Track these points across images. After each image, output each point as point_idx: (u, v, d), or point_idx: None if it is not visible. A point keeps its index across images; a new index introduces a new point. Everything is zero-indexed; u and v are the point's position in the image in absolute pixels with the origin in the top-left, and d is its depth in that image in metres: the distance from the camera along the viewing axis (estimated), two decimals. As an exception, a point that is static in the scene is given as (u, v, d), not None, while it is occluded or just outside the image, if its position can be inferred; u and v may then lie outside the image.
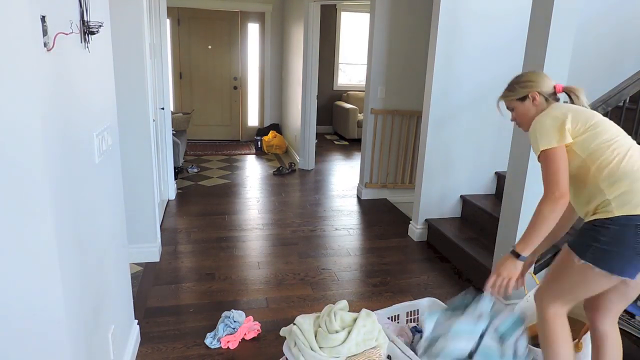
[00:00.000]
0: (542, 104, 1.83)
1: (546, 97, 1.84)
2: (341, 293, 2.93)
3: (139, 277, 2.99)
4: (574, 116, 1.69)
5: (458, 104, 3.59)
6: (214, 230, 3.85)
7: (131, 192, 2.98)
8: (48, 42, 1.18)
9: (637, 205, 1.53)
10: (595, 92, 3.46)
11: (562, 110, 1.73)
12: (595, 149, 1.64)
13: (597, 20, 3.74)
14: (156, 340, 2.38)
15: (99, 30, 1.59)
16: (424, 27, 4.34)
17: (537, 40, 2.39)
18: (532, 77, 1.90)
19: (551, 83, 1.86)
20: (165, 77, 4.10)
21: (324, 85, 8.00)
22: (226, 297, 2.83)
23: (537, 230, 1.69)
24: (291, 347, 1.86)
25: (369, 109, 4.58)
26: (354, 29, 8.24)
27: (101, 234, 1.71)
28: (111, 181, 1.88)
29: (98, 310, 1.64)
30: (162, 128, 4.07)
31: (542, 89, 1.84)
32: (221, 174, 5.57)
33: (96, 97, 1.68)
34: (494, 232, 2.89)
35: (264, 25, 7.24)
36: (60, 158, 1.28)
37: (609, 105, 2.65)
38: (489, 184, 3.87)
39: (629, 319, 2.28)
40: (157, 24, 3.88)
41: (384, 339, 1.87)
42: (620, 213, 1.55)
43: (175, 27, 6.91)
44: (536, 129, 1.73)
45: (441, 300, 2.76)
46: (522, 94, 1.88)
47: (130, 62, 2.86)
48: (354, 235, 3.91)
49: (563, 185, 1.63)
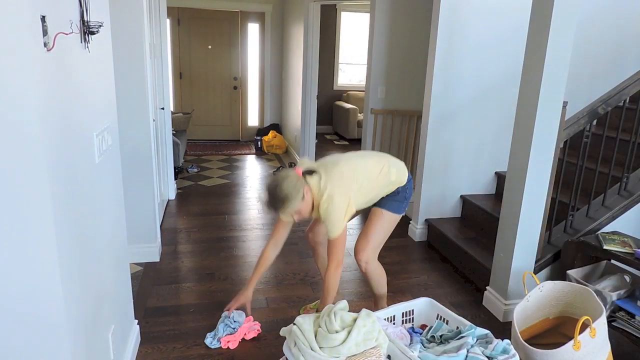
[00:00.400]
0: (309, 189, 2.13)
1: (304, 176, 2.14)
2: (341, 293, 2.93)
3: (139, 277, 2.99)
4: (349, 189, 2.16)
5: (458, 104, 3.59)
6: (214, 230, 3.85)
7: (131, 192, 2.98)
8: (48, 42, 1.18)
9: (401, 182, 2.33)
10: (595, 92, 3.47)
11: (344, 190, 2.13)
12: (367, 182, 2.25)
13: (598, 19, 3.75)
14: (156, 340, 2.38)
15: (99, 30, 1.59)
16: (424, 27, 4.34)
17: (537, 40, 2.39)
18: (293, 180, 2.08)
19: (299, 170, 2.13)
20: (165, 77, 4.10)
21: (324, 85, 8.00)
22: (226, 297, 2.83)
23: (331, 294, 2.22)
24: (291, 347, 1.86)
25: (369, 109, 4.58)
26: (354, 29, 8.24)
27: (101, 234, 1.71)
28: (111, 181, 1.88)
29: (98, 310, 1.64)
30: (162, 128, 4.07)
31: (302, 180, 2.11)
32: (221, 174, 5.57)
33: (96, 97, 1.68)
34: (494, 232, 2.89)
35: (264, 25, 7.25)
36: (60, 158, 1.28)
37: (609, 105, 2.65)
38: (489, 184, 3.87)
39: (629, 319, 2.28)
40: (157, 24, 3.88)
41: (384, 339, 1.86)
42: (399, 186, 2.33)
43: (175, 27, 6.91)
44: (331, 220, 2.12)
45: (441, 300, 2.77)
46: (300, 196, 2.08)
47: (130, 62, 2.86)
48: (354, 235, 3.91)
49: (342, 258, 2.24)
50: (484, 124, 3.69)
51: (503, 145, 3.68)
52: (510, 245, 2.63)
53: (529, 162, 2.49)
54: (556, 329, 2.29)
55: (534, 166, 2.50)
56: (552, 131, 2.47)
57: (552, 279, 2.75)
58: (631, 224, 2.88)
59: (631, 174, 2.92)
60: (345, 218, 2.15)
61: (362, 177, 2.22)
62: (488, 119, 3.69)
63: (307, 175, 2.13)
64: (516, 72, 3.05)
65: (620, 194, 2.90)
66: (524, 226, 2.59)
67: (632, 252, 2.36)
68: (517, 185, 2.58)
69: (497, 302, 2.75)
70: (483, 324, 2.50)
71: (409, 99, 4.60)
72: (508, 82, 3.57)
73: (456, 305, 2.85)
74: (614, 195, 2.91)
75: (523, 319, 2.22)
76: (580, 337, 1.91)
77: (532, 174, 2.51)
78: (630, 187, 2.91)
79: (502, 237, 2.72)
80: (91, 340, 1.55)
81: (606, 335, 2.04)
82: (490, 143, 3.75)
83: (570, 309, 2.26)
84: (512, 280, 2.66)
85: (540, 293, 2.28)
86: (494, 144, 3.76)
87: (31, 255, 1.22)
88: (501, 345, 1.86)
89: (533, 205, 2.57)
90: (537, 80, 2.40)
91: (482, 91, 3.61)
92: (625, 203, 2.83)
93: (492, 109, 3.68)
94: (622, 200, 2.86)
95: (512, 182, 2.63)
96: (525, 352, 1.99)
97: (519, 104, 2.56)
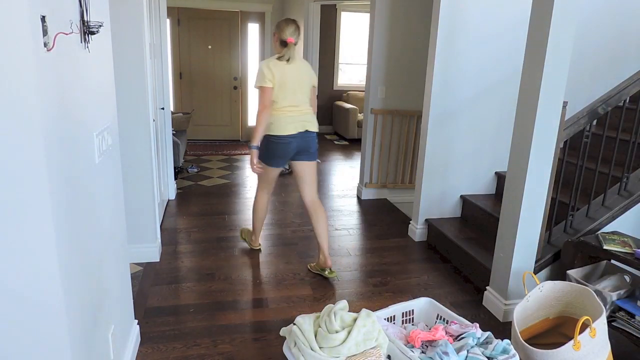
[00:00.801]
0: (277, 47, 3.00)
1: (281, 42, 2.96)
2: (341, 293, 2.93)
3: (139, 277, 3.00)
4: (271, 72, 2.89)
5: (458, 104, 3.59)
6: (214, 230, 3.85)
7: (131, 192, 2.98)
8: (48, 42, 1.18)
9: (271, 130, 2.94)
10: (595, 92, 3.48)
11: (268, 65, 2.90)
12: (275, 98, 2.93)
13: (598, 19, 3.75)
14: (156, 340, 2.38)
15: (99, 30, 1.59)
16: (423, 27, 4.34)
17: (537, 40, 2.39)
18: (279, 24, 3.00)
19: (287, 35, 2.93)
20: (165, 77, 4.10)
21: (324, 85, 8.00)
22: (226, 297, 2.83)
23: (259, 126, 2.90)
24: (291, 347, 1.86)
25: (369, 109, 4.58)
26: (354, 29, 8.24)
27: (101, 234, 1.71)
28: (111, 181, 1.88)
29: (98, 310, 1.64)
30: (162, 128, 4.07)
31: (281, 36, 2.95)
32: (221, 174, 5.57)
33: (96, 97, 1.68)
34: (494, 232, 2.89)
35: (264, 25, 7.25)
36: (60, 158, 1.28)
37: (609, 105, 2.65)
38: (489, 184, 3.87)
39: (629, 319, 2.28)
40: (157, 24, 3.88)
41: (384, 339, 1.87)
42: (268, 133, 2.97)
43: (175, 27, 6.91)
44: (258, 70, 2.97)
45: (441, 300, 2.77)
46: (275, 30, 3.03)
47: (130, 62, 2.86)
48: (354, 235, 3.91)
49: (265, 104, 2.91)
50: (484, 124, 3.69)
51: (503, 145, 3.68)
52: (510, 245, 2.63)
53: (529, 162, 2.49)
54: (556, 329, 2.29)
55: (534, 166, 2.50)
56: (552, 131, 2.47)
57: (552, 279, 2.75)
58: (631, 224, 2.88)
59: (631, 174, 2.92)
60: (260, 82, 2.91)
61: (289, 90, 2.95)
62: (488, 119, 3.69)
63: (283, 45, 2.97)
64: (516, 72, 3.06)
65: (620, 194, 2.91)
66: (524, 226, 2.59)
67: (632, 252, 2.36)
68: (517, 185, 2.58)
69: (497, 302, 2.75)
70: (483, 324, 2.50)
71: (409, 99, 4.60)
72: (508, 81, 3.57)
73: (456, 305, 2.85)
74: (614, 195, 2.92)
75: (523, 319, 2.22)
76: (580, 337, 1.91)
77: (532, 174, 2.51)
78: (630, 187, 2.91)
79: (502, 237, 2.72)
80: (91, 340, 1.55)
81: (606, 335, 2.04)
82: (490, 143, 3.75)
83: (570, 309, 2.26)
84: (512, 280, 2.66)
85: (540, 293, 2.28)
86: (494, 144, 3.76)
87: (31, 255, 1.22)
88: (501, 345, 1.86)
89: (533, 205, 2.57)
90: (537, 80, 2.40)
91: (482, 91, 3.61)
92: (625, 203, 2.83)
93: (492, 109, 3.68)
94: (622, 200, 2.86)
95: (512, 182, 2.63)
96: (525, 352, 1.99)
97: (519, 103, 2.56)
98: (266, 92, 2.88)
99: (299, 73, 2.97)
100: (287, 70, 2.90)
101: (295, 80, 2.94)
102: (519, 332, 2.07)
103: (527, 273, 2.42)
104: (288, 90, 2.92)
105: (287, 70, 2.91)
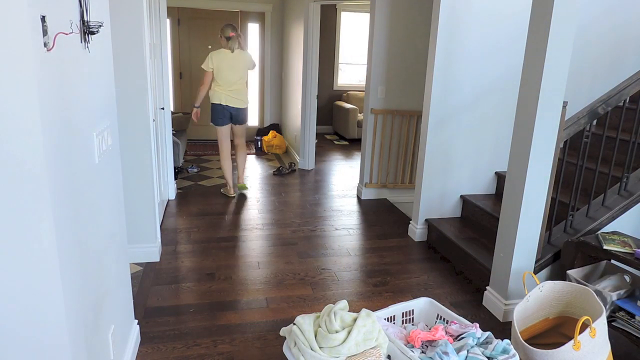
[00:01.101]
0: (224, 43, 4.38)
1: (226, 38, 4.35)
2: (341, 293, 2.93)
3: (139, 277, 3.00)
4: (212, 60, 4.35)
5: (458, 104, 3.59)
6: (214, 230, 3.85)
7: (131, 192, 2.98)
8: (48, 42, 1.18)
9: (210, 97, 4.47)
10: (595, 92, 3.48)
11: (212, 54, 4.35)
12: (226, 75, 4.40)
13: (597, 20, 3.75)
14: (156, 340, 2.38)
15: (99, 30, 1.59)
16: (424, 27, 4.34)
17: (537, 40, 2.39)
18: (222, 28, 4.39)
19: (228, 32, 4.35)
20: (165, 77, 4.10)
21: (324, 85, 8.00)
22: (226, 297, 2.83)
23: (199, 94, 4.48)
24: (291, 347, 1.86)
25: (369, 109, 4.58)
26: (354, 29, 8.24)
27: (101, 234, 1.71)
28: (111, 181, 1.89)
29: (98, 310, 1.64)
30: (162, 128, 4.07)
31: (225, 34, 4.36)
32: (221, 174, 5.56)
33: (96, 97, 1.68)
34: (494, 232, 2.89)
35: (264, 25, 7.24)
36: (60, 158, 1.28)
37: (609, 105, 2.65)
38: (489, 184, 3.87)
39: (629, 319, 2.28)
40: (157, 24, 3.88)
41: (384, 339, 1.87)
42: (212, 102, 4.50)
43: (175, 27, 6.91)
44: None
45: (441, 300, 2.77)
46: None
47: (130, 62, 2.86)
48: (354, 235, 3.91)
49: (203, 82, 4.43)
50: (484, 124, 3.69)
51: (503, 145, 3.68)
52: (510, 246, 2.63)
53: (529, 162, 2.49)
54: (556, 329, 2.29)
55: (534, 166, 2.50)
56: (552, 131, 2.47)
57: (552, 279, 2.75)
58: (631, 224, 2.88)
59: (631, 174, 2.92)
60: (204, 66, 4.35)
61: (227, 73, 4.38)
62: (488, 119, 3.69)
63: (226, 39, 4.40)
64: (516, 72, 3.06)
65: (620, 194, 2.91)
66: (524, 226, 2.59)
67: (632, 252, 2.36)
68: (517, 185, 2.58)
69: (497, 302, 2.75)
70: (483, 324, 2.50)
71: (409, 99, 4.60)
72: (508, 82, 3.57)
73: (456, 305, 2.85)
74: (614, 195, 2.92)
75: (523, 319, 2.22)
76: (580, 337, 1.91)
77: (532, 174, 2.51)
78: (630, 187, 2.91)
79: (502, 237, 2.72)
80: (91, 340, 1.55)
81: (606, 335, 2.04)
82: (490, 143, 3.75)
83: (570, 309, 2.26)
84: (512, 280, 2.66)
85: (540, 293, 2.28)
86: (494, 144, 3.76)
87: (31, 255, 1.22)
88: (501, 345, 1.86)
89: (533, 205, 2.57)
90: (537, 80, 2.40)
91: (482, 91, 3.61)
92: (625, 203, 2.83)
93: (492, 109, 3.68)
94: (622, 200, 2.86)
95: (512, 182, 2.63)
96: (525, 352, 1.99)
97: (519, 104, 2.56)
98: (206, 74, 4.36)
99: (236, 61, 4.36)
100: (225, 58, 4.33)
101: (231, 66, 4.34)
102: (519, 332, 2.07)
103: (527, 273, 2.42)
104: (223, 73, 4.32)
105: (225, 59, 4.32)
